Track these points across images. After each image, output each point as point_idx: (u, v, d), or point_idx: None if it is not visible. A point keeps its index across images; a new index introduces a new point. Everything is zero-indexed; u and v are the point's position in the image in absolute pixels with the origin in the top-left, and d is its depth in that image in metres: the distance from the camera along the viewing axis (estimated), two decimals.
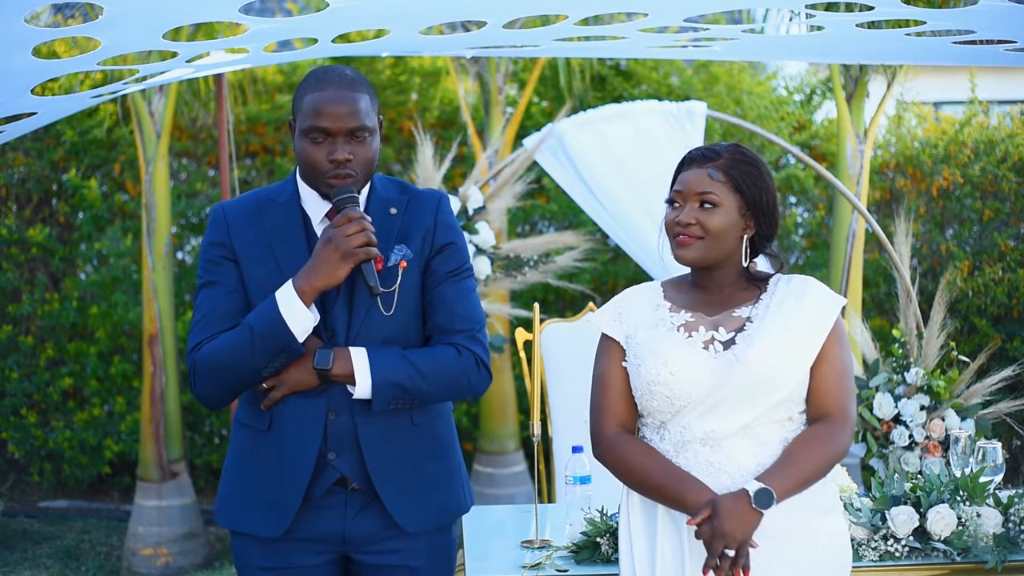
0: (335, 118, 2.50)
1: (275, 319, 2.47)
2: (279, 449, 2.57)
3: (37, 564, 5.99)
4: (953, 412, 4.09)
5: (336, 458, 2.56)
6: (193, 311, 2.61)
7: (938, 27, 3.65)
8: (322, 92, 2.52)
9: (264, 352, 2.48)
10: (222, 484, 2.70)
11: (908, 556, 3.03)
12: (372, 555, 2.61)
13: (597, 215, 5.17)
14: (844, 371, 2.53)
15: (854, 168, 5.83)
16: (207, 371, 2.54)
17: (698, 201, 2.52)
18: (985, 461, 3.23)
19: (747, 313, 2.54)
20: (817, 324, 2.51)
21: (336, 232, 2.47)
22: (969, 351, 5.75)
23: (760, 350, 2.46)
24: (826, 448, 2.46)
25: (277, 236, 2.59)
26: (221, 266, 2.59)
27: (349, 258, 2.47)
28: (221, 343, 2.52)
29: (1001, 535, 3.05)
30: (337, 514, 2.59)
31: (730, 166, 2.53)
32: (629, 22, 3.76)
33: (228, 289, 2.58)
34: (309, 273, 2.48)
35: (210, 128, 7.03)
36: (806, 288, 2.57)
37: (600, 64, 7.13)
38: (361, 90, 2.55)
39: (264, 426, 2.59)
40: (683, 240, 2.53)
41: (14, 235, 6.97)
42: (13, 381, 6.91)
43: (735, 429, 2.47)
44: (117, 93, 4.58)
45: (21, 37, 2.83)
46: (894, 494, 3.12)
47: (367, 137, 2.54)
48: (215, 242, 2.60)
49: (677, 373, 2.47)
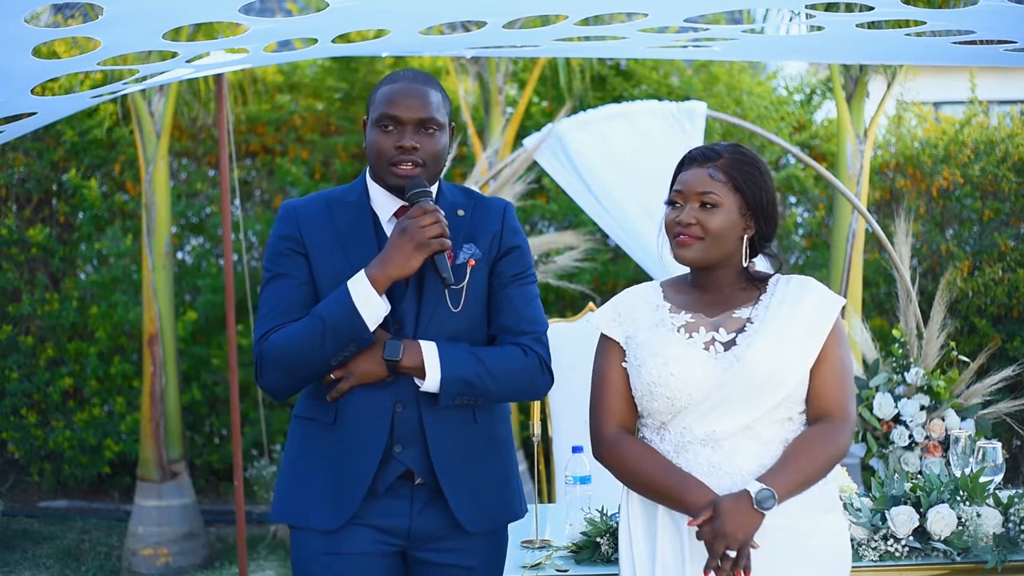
0: (405, 108, 2.56)
1: (347, 307, 2.47)
2: (344, 442, 2.56)
3: (37, 564, 5.99)
4: (953, 412, 4.09)
5: (401, 451, 2.56)
6: (260, 302, 2.62)
7: (938, 27, 3.65)
8: (395, 84, 2.60)
9: (334, 341, 2.49)
10: (281, 481, 2.68)
11: (908, 556, 3.03)
12: (432, 552, 2.61)
13: (597, 215, 5.17)
14: (844, 371, 2.53)
15: (854, 168, 5.83)
16: (275, 360, 2.54)
17: (698, 201, 2.52)
18: (985, 461, 3.23)
19: (747, 314, 2.54)
20: (817, 325, 2.51)
21: (411, 223, 2.49)
22: (969, 351, 5.75)
23: (760, 351, 2.45)
24: (826, 448, 2.46)
25: (347, 233, 2.61)
26: (290, 259, 2.60)
27: (423, 248, 2.48)
28: (290, 332, 2.52)
29: (1001, 535, 3.05)
30: (403, 508, 2.58)
31: (730, 166, 2.53)
32: (629, 22, 3.76)
33: (297, 281, 2.58)
34: (383, 262, 2.49)
35: (210, 128, 7.04)
36: (806, 289, 2.56)
37: (600, 64, 7.13)
38: (434, 86, 2.61)
39: (329, 419, 2.58)
40: (684, 240, 2.52)
41: (14, 235, 6.97)
42: (13, 381, 6.91)
43: (735, 430, 2.46)
44: (117, 93, 4.58)
45: (21, 37, 2.83)
46: (894, 494, 3.12)
47: (435, 131, 2.59)
48: (285, 235, 2.62)
49: (677, 374, 2.47)
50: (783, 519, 2.42)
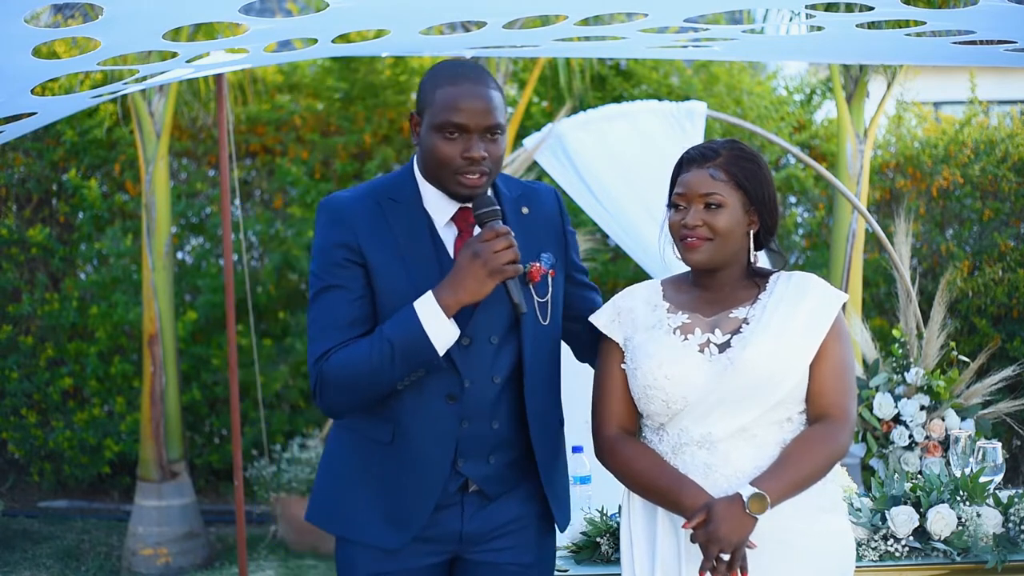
0: (472, 114, 2.41)
1: (418, 333, 2.37)
2: (406, 460, 2.50)
3: (37, 564, 5.99)
4: (953, 412, 4.08)
5: (464, 464, 2.53)
6: (312, 315, 2.49)
7: (938, 27, 3.65)
8: (458, 87, 2.42)
9: (404, 365, 2.39)
10: (323, 487, 2.62)
11: (908, 556, 3.03)
12: (484, 553, 2.59)
13: (597, 215, 5.17)
14: (844, 369, 2.51)
15: (854, 168, 5.83)
16: (338, 384, 2.43)
17: (703, 203, 2.50)
18: (985, 461, 3.23)
19: (744, 314, 2.53)
20: (816, 322, 2.50)
21: (484, 247, 2.37)
22: (969, 351, 5.75)
23: (754, 353, 2.44)
24: (824, 448, 2.45)
25: (405, 243, 2.48)
26: (347, 269, 2.46)
27: (497, 275, 2.38)
28: (354, 354, 2.41)
29: (1001, 535, 3.05)
30: (455, 514, 2.55)
31: (730, 163, 2.52)
32: (629, 22, 3.76)
33: (354, 295, 2.46)
34: (455, 288, 2.38)
35: (210, 128, 7.04)
36: (806, 285, 2.55)
37: (600, 64, 7.13)
38: (493, 85, 2.47)
39: (386, 438, 2.51)
40: (692, 243, 2.50)
41: (14, 235, 6.97)
42: (13, 381, 6.91)
43: (732, 432, 2.46)
44: (117, 93, 4.58)
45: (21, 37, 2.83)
46: (894, 494, 3.12)
47: (499, 136, 2.46)
48: (341, 243, 2.47)
49: (672, 376, 2.47)
50: (781, 519, 2.41)
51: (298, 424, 6.99)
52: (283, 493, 6.13)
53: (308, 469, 6.13)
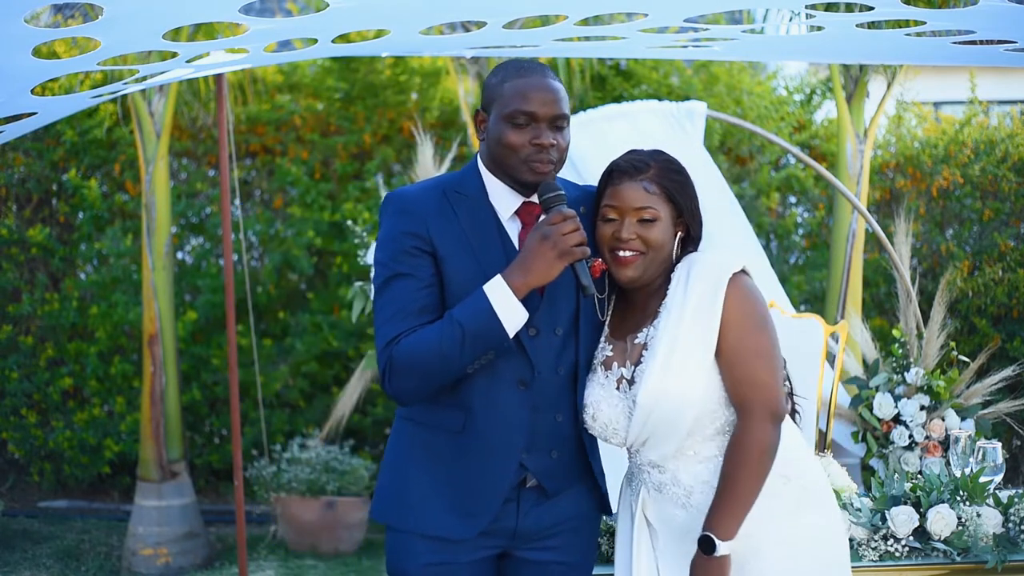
0: (542, 103, 2.48)
1: (488, 315, 2.40)
2: (476, 449, 2.52)
3: (37, 564, 5.99)
4: (953, 412, 4.09)
5: (528, 457, 2.54)
6: (380, 302, 2.52)
7: (938, 27, 3.65)
8: (527, 78, 2.50)
9: (474, 348, 2.42)
10: (390, 480, 2.62)
11: (908, 556, 3.03)
12: (534, 551, 2.61)
13: None
14: (744, 356, 2.43)
15: (854, 168, 5.83)
16: (409, 367, 2.44)
17: (636, 216, 2.50)
18: (985, 461, 3.23)
19: (645, 338, 2.51)
20: (706, 315, 2.44)
21: (553, 229, 2.41)
22: (969, 351, 5.76)
23: (649, 386, 2.43)
24: (743, 454, 2.39)
25: (473, 232, 2.53)
26: (417, 258, 2.50)
27: (566, 256, 2.41)
28: (424, 338, 2.43)
29: (1001, 535, 3.05)
30: (511, 509, 2.56)
31: (661, 176, 2.52)
32: (629, 22, 3.76)
33: (423, 283, 2.49)
34: (523, 270, 2.42)
35: (210, 128, 7.04)
36: (691, 276, 2.50)
37: (600, 64, 7.13)
38: (558, 79, 2.54)
39: (457, 426, 2.53)
40: (626, 259, 2.50)
41: (14, 235, 6.97)
42: (13, 381, 6.91)
43: (671, 454, 2.49)
44: (117, 93, 4.58)
45: (21, 37, 2.83)
46: (894, 494, 3.12)
47: (566, 127, 2.53)
48: (410, 232, 2.51)
49: (598, 418, 2.53)
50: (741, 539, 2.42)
51: (298, 424, 6.99)
52: (283, 493, 6.13)
53: (308, 469, 6.13)
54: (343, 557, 6.04)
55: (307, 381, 7.04)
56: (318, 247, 7.04)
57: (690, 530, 2.47)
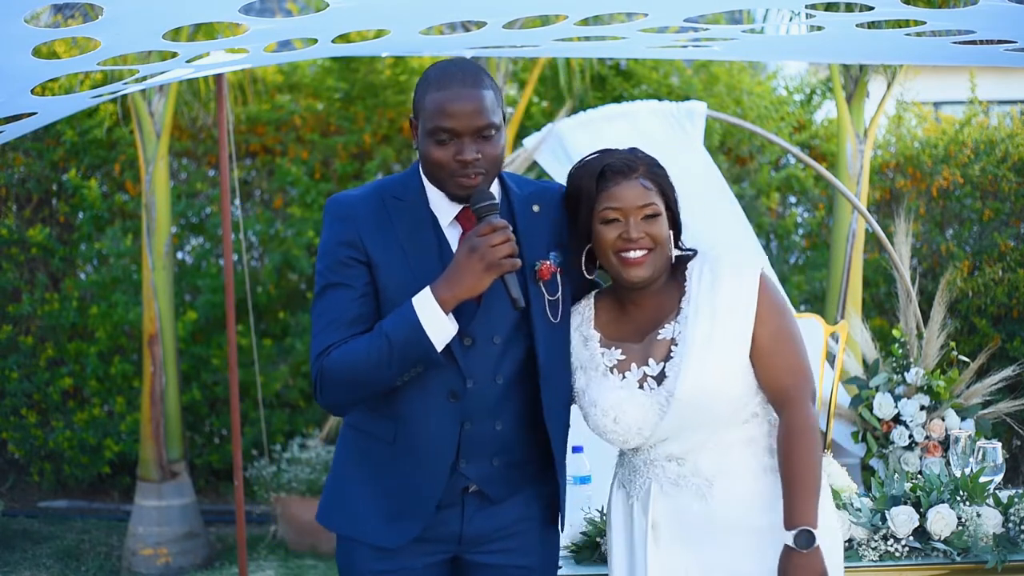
0: (460, 117, 2.39)
1: (415, 329, 2.37)
2: (408, 460, 2.50)
3: (37, 564, 5.99)
4: (953, 412, 4.09)
5: (466, 465, 2.52)
6: (315, 311, 2.49)
7: (938, 27, 3.65)
8: (446, 91, 2.41)
9: (401, 362, 2.39)
10: (332, 486, 2.64)
11: (908, 556, 3.03)
12: (485, 554, 2.59)
13: None
14: (781, 345, 2.48)
15: (854, 168, 5.83)
16: (337, 379, 2.43)
17: (641, 214, 2.49)
18: (985, 461, 3.23)
19: (671, 333, 2.51)
20: (739, 311, 2.47)
21: (481, 242, 2.36)
22: (969, 351, 5.75)
23: (688, 380, 2.43)
24: (804, 442, 2.43)
25: (408, 239, 2.48)
26: (351, 268, 2.47)
27: (494, 269, 2.36)
28: (353, 351, 2.41)
29: (1001, 535, 3.05)
30: (454, 515, 2.55)
31: (651, 173, 2.53)
32: (629, 22, 3.76)
33: (357, 293, 2.46)
34: (451, 283, 2.37)
35: (210, 128, 7.03)
36: (717, 274, 2.52)
37: (600, 64, 7.12)
38: (485, 86, 2.44)
39: (389, 437, 2.51)
40: (637, 259, 2.48)
41: (14, 235, 6.97)
42: (13, 381, 6.91)
43: (695, 446, 2.49)
44: (117, 93, 4.58)
45: (21, 37, 2.83)
46: (894, 494, 3.12)
47: (494, 134, 2.43)
48: (345, 241, 2.48)
49: (621, 420, 2.49)
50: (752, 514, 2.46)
51: (298, 424, 6.99)
52: (283, 493, 6.12)
53: (308, 469, 6.13)
54: None
55: (307, 381, 7.03)
56: (318, 247, 7.02)
57: (705, 524, 2.48)
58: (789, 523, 2.38)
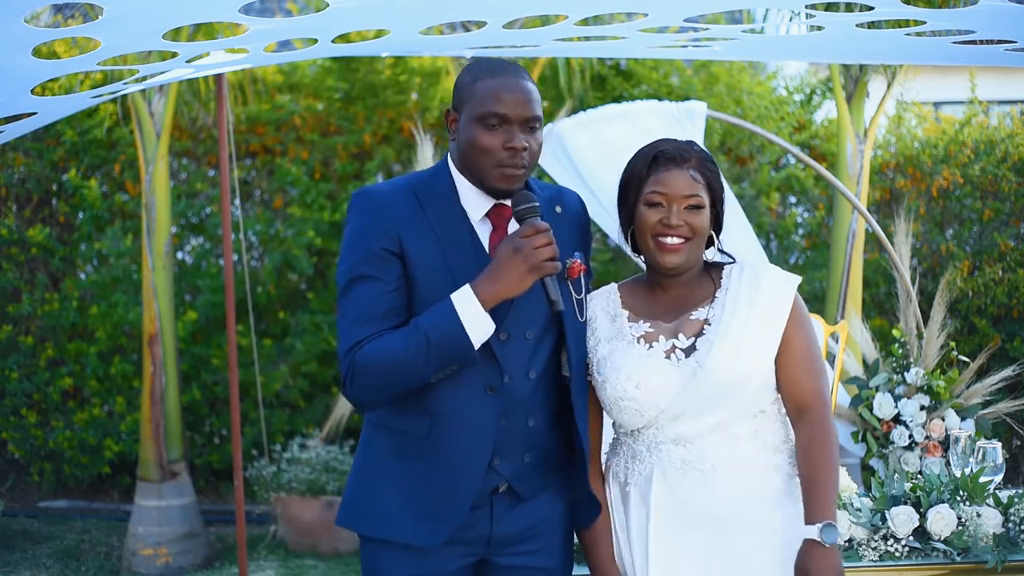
0: (515, 104, 2.41)
1: (454, 326, 2.35)
2: (443, 455, 2.47)
3: (37, 564, 5.99)
4: (953, 412, 4.09)
5: (500, 462, 2.50)
6: (344, 304, 2.45)
7: (938, 27, 3.65)
8: (500, 79, 2.43)
9: (438, 359, 2.37)
10: (354, 488, 2.59)
11: (908, 556, 3.03)
12: (511, 556, 2.57)
13: (597, 215, 5.15)
14: (809, 355, 2.54)
15: (854, 168, 5.83)
16: (369, 373, 2.39)
17: (685, 204, 2.52)
18: (985, 461, 3.23)
19: (704, 315, 2.55)
20: (774, 312, 2.52)
21: (525, 243, 2.36)
22: (969, 351, 5.75)
23: (721, 355, 2.46)
24: (825, 446, 2.48)
25: (443, 234, 2.46)
26: (385, 260, 2.43)
27: (536, 271, 2.36)
28: (388, 346, 2.38)
29: (1001, 535, 3.05)
30: (484, 515, 2.52)
31: (702, 166, 2.56)
32: (629, 22, 3.76)
33: (389, 287, 2.43)
34: (493, 282, 2.37)
35: (210, 128, 7.03)
36: (759, 276, 2.57)
37: (600, 64, 7.13)
38: (531, 80, 2.48)
39: (423, 433, 2.48)
40: (673, 245, 2.52)
41: (14, 235, 6.97)
42: (13, 381, 6.91)
43: (706, 429, 2.50)
44: (117, 93, 4.58)
45: (21, 37, 2.83)
46: (894, 494, 3.12)
47: (538, 128, 2.45)
48: (380, 231, 2.44)
49: (643, 386, 2.49)
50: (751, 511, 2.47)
51: (298, 424, 6.99)
52: (283, 493, 6.12)
53: (308, 469, 6.13)
54: (343, 557, 6.03)
55: (307, 381, 7.04)
56: (318, 247, 7.04)
57: (702, 512, 2.49)
58: (811, 518, 2.40)
